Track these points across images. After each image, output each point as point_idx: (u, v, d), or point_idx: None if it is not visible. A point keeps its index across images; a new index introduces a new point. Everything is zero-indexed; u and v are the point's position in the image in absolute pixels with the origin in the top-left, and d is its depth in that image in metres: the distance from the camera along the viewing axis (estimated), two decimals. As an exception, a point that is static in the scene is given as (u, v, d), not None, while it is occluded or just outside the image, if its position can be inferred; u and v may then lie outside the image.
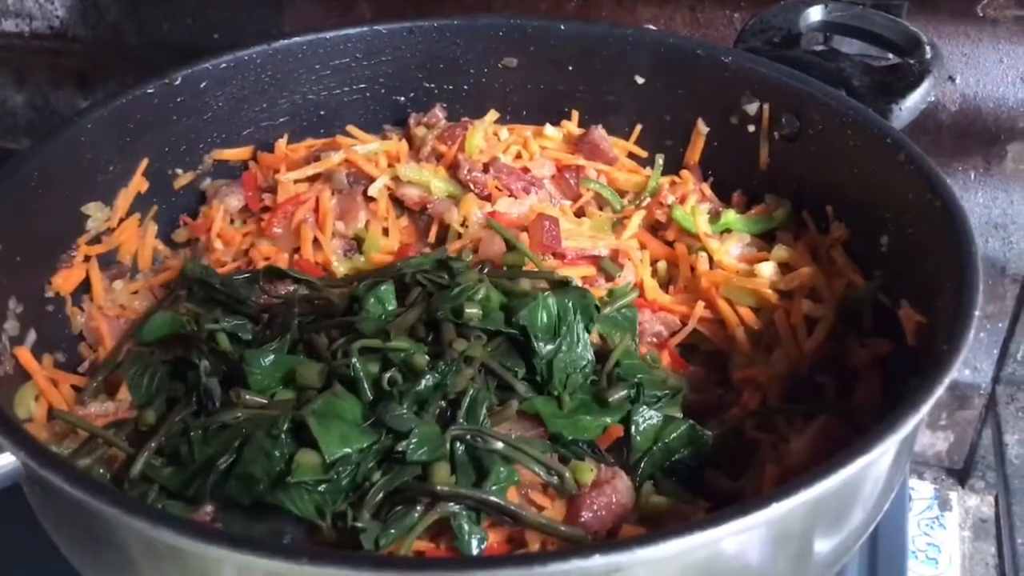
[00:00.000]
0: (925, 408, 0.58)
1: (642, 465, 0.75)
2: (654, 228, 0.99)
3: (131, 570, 0.59)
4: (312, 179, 1.00)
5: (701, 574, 0.56)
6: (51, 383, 0.81)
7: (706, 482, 0.76)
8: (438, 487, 0.63)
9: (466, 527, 0.62)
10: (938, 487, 1.28)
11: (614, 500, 0.69)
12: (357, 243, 0.97)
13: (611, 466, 0.73)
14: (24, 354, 0.80)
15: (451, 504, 0.63)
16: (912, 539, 1.20)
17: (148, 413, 0.75)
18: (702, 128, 1.03)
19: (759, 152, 1.00)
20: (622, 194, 1.04)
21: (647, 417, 0.77)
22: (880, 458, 0.58)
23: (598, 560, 0.49)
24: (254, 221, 0.99)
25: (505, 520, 0.64)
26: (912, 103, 0.93)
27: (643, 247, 0.97)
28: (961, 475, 1.35)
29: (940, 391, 0.59)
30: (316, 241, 0.95)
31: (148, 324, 0.84)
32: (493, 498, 0.64)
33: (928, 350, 0.69)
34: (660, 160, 1.06)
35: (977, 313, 0.65)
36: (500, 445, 0.68)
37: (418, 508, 0.63)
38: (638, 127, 1.07)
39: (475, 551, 0.61)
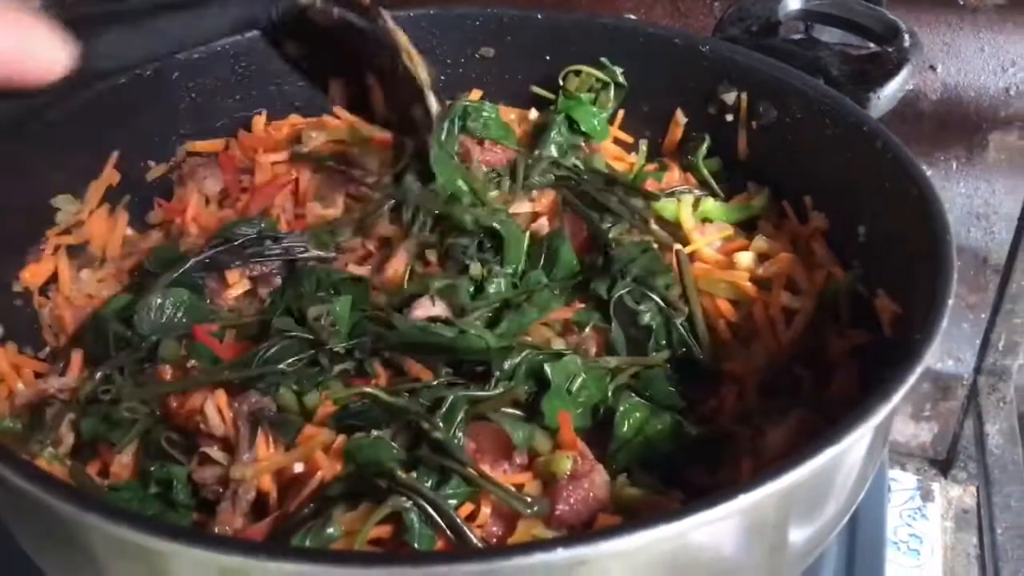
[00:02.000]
0: (896, 397, 0.57)
1: (619, 456, 0.74)
2: None
3: (94, 567, 0.58)
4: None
5: (671, 566, 0.55)
6: (14, 369, 0.80)
7: (682, 475, 0.76)
8: (398, 473, 0.62)
9: (417, 523, 0.61)
10: (920, 478, 1.28)
11: (591, 495, 0.68)
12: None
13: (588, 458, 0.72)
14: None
15: (404, 499, 0.62)
16: (894, 530, 1.20)
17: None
18: (680, 119, 1.03)
19: (737, 141, 1.00)
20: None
21: (634, 406, 0.76)
22: (852, 447, 0.57)
23: (561, 553, 0.48)
24: (231, 204, 0.97)
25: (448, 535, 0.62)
26: (890, 91, 0.93)
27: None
28: (944, 466, 1.35)
29: (912, 380, 0.59)
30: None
31: (108, 305, 0.85)
32: (444, 505, 0.63)
33: (904, 340, 0.68)
34: (644, 146, 1.05)
35: (951, 302, 0.65)
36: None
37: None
38: (620, 113, 1.06)
39: (423, 546, 0.60)
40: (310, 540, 0.60)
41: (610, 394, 0.77)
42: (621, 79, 1.04)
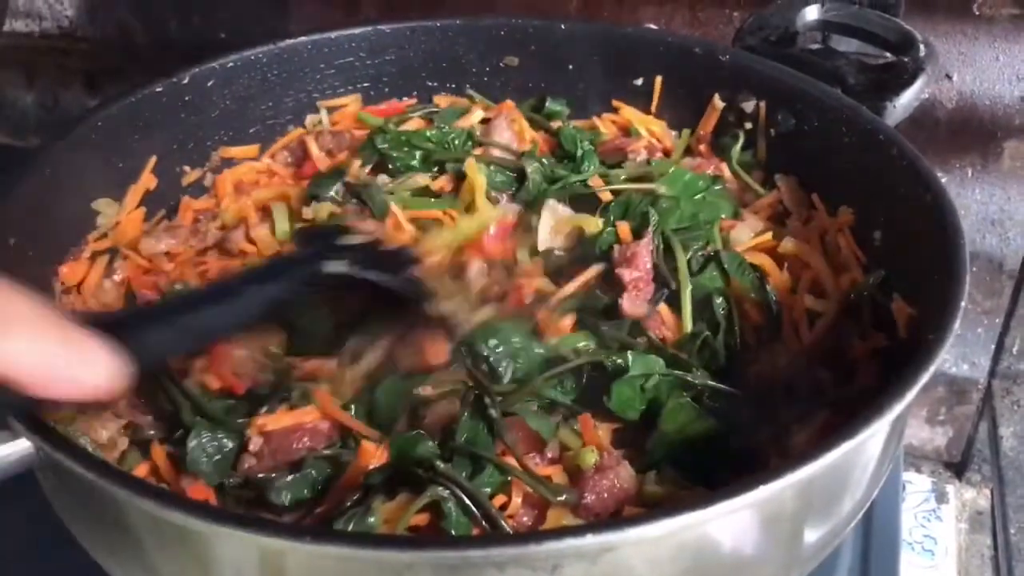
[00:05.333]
0: (910, 394, 0.60)
1: (656, 450, 0.76)
2: None
3: (143, 554, 0.60)
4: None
5: (694, 555, 0.58)
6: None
7: (708, 475, 0.78)
8: (437, 463, 0.65)
9: (454, 512, 0.64)
10: (935, 480, 1.30)
11: (617, 485, 0.71)
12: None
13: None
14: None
15: (442, 489, 0.65)
16: (909, 531, 1.22)
17: None
18: (718, 103, 1.04)
19: (756, 149, 1.02)
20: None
21: (682, 406, 0.78)
22: (868, 442, 0.60)
23: (590, 539, 0.50)
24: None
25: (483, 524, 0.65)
26: (906, 100, 0.95)
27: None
28: (958, 468, 1.37)
29: (925, 378, 0.61)
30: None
31: None
32: (479, 495, 0.65)
33: (918, 341, 0.70)
34: (687, 134, 1.06)
35: (963, 303, 0.67)
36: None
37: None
38: (654, 103, 1.08)
39: (459, 533, 0.63)
40: (352, 528, 0.62)
41: (664, 393, 0.79)
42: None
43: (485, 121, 1.07)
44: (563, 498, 0.67)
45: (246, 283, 0.74)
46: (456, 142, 1.04)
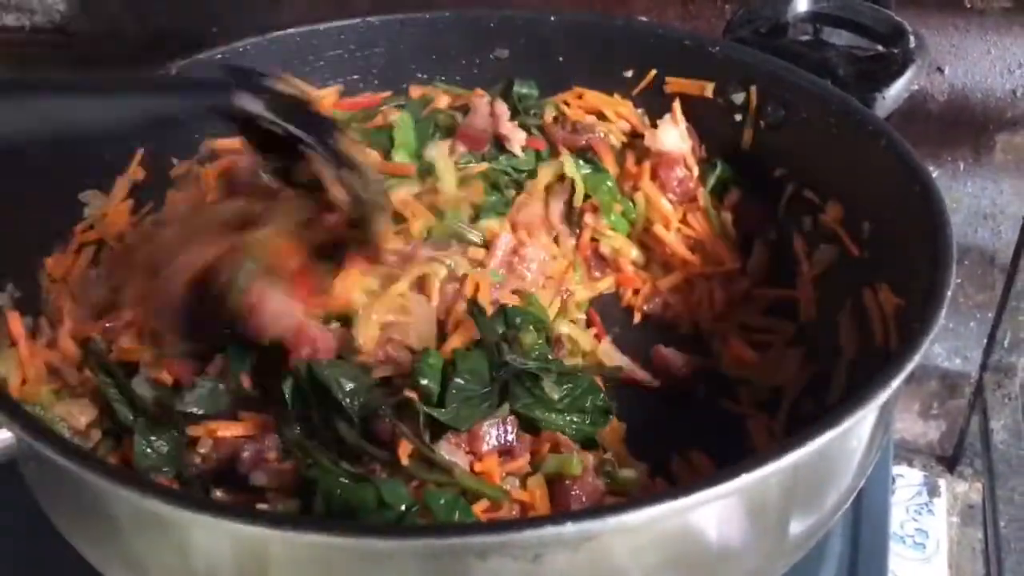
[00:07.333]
0: (895, 383, 0.59)
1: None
2: None
3: (124, 544, 0.60)
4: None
5: (677, 544, 0.57)
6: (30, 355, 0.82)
7: (691, 464, 0.79)
8: None
9: None
10: (927, 474, 1.30)
11: (596, 487, 0.72)
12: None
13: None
14: (15, 321, 0.82)
15: None
16: (901, 524, 1.22)
17: None
18: (708, 95, 1.03)
19: (743, 139, 1.02)
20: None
21: None
22: (854, 429, 0.59)
23: (571, 527, 0.50)
24: None
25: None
26: (895, 92, 0.95)
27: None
28: (950, 462, 1.37)
29: (911, 367, 0.61)
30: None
31: None
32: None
33: (906, 330, 0.70)
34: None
35: (949, 293, 0.67)
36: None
37: None
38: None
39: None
40: None
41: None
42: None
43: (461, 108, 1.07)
44: None
45: (133, 85, 0.68)
46: (426, 131, 1.04)
